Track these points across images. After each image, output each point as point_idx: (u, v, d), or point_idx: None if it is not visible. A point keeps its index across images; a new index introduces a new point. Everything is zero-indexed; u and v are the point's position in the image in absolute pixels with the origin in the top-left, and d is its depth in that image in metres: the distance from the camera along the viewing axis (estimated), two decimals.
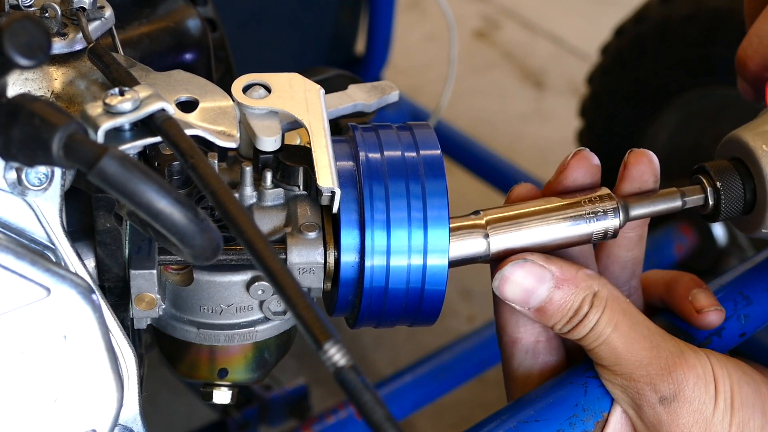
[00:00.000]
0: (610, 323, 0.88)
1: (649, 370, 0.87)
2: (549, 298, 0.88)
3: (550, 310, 0.89)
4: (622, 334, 0.88)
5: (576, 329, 0.89)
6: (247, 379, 0.93)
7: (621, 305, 0.89)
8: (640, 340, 0.88)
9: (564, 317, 0.89)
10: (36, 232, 0.79)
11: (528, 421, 0.89)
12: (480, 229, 0.88)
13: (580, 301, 0.88)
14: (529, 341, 0.94)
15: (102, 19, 0.88)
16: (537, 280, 0.88)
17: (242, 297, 0.88)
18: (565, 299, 0.88)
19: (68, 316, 0.77)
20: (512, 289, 0.88)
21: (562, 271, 0.88)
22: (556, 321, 0.89)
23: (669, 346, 0.88)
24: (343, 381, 0.69)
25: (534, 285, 0.88)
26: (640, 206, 0.91)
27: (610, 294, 0.89)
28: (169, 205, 0.71)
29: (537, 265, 0.88)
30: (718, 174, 0.92)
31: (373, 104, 0.94)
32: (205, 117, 0.84)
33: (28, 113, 0.71)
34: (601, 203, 0.90)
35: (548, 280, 0.88)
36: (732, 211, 0.92)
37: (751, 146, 0.91)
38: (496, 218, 0.89)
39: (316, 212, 0.87)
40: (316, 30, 1.86)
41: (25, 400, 0.78)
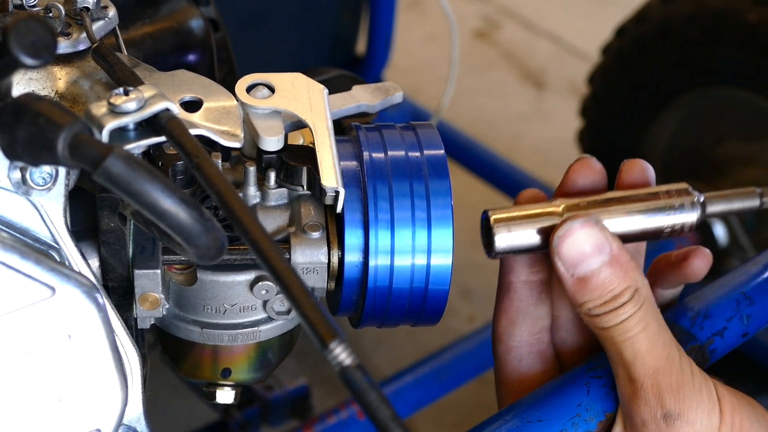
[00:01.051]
0: (641, 322, 0.86)
1: (659, 380, 0.86)
2: (598, 271, 0.86)
3: (592, 284, 0.86)
4: (648, 336, 0.87)
5: (608, 315, 0.87)
6: (251, 379, 0.93)
7: (654, 309, 0.88)
8: (661, 347, 0.87)
9: (602, 298, 0.86)
10: (40, 231, 0.79)
11: (531, 421, 0.89)
12: (556, 216, 0.88)
13: (623, 288, 0.86)
14: (524, 350, 0.94)
15: (106, 19, 0.88)
16: (596, 247, 0.86)
17: (246, 297, 0.88)
18: (611, 280, 0.86)
19: (73, 316, 0.77)
20: (570, 246, 0.86)
21: (620, 253, 0.86)
22: (592, 298, 0.87)
23: (683, 362, 0.87)
24: (348, 380, 0.69)
25: (591, 251, 0.86)
26: (717, 203, 0.90)
27: (649, 295, 0.87)
28: (173, 205, 0.71)
29: (602, 234, 0.86)
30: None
31: (377, 105, 0.94)
32: (209, 117, 0.84)
33: (32, 113, 0.71)
34: (678, 197, 0.89)
35: (606, 254, 0.86)
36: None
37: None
38: (574, 204, 0.88)
39: (320, 212, 0.87)
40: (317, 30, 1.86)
41: (29, 399, 0.78)
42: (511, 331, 0.93)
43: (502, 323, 0.93)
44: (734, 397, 0.88)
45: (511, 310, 0.93)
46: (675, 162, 1.77)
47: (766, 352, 1.62)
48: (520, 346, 0.93)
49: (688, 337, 0.94)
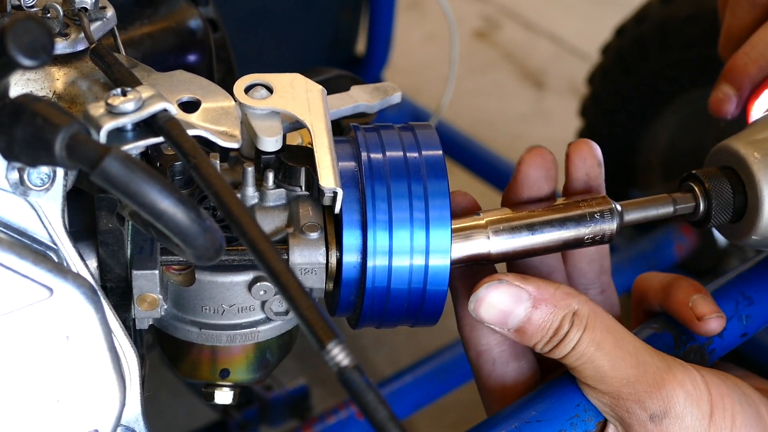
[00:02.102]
0: (592, 342, 0.86)
1: (636, 388, 0.86)
2: (527, 318, 0.87)
3: (529, 331, 0.87)
4: (606, 352, 0.86)
5: (557, 348, 0.87)
6: (249, 379, 0.93)
7: (604, 322, 0.87)
8: (625, 357, 0.86)
9: (544, 337, 0.87)
10: (38, 232, 0.79)
11: (530, 422, 0.89)
12: (481, 229, 0.89)
13: (560, 320, 0.86)
14: (494, 351, 0.93)
15: (104, 20, 0.88)
16: (513, 300, 0.87)
17: (244, 297, 0.88)
18: (544, 319, 0.87)
19: (71, 317, 0.77)
20: (488, 310, 0.87)
21: (540, 291, 0.87)
22: (536, 341, 0.88)
23: (656, 362, 0.87)
24: (346, 381, 0.69)
25: (511, 305, 0.87)
26: (634, 211, 0.92)
27: (592, 312, 0.87)
28: (171, 206, 0.71)
29: (513, 285, 0.87)
30: (709, 181, 0.93)
31: (375, 105, 0.94)
32: (207, 117, 0.84)
33: (30, 113, 0.71)
34: (598, 206, 0.91)
35: (525, 300, 0.87)
36: (721, 218, 0.93)
37: (743, 154, 0.92)
38: (497, 219, 0.89)
39: (318, 212, 0.87)
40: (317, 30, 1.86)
41: (27, 400, 0.78)
42: (475, 336, 0.93)
43: (465, 330, 0.93)
44: (721, 381, 0.88)
45: (468, 316, 0.92)
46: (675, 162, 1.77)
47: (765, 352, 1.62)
48: (489, 348, 0.93)
49: (687, 338, 0.94)
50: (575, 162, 0.93)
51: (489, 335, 0.92)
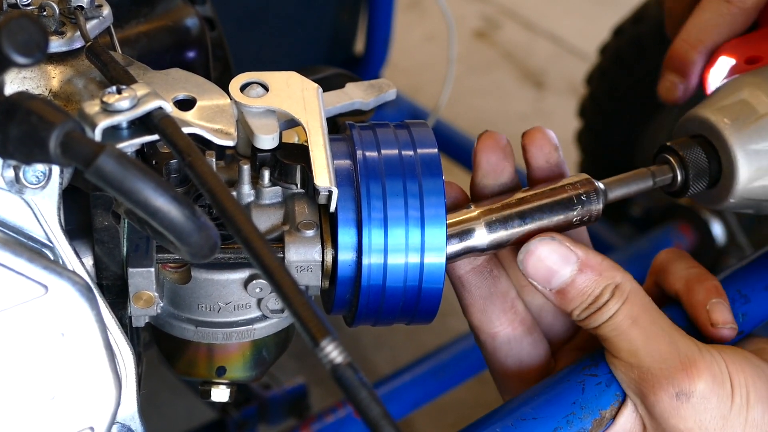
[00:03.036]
0: (629, 316, 0.88)
1: (668, 364, 0.87)
2: (571, 280, 0.89)
3: (571, 294, 0.89)
4: (642, 328, 0.88)
5: (593, 317, 0.89)
6: (246, 377, 0.93)
7: (643, 300, 0.89)
8: (659, 335, 0.88)
9: (583, 303, 0.89)
10: (34, 230, 0.80)
11: (526, 419, 0.89)
12: (474, 221, 0.89)
13: (602, 288, 0.88)
14: (507, 330, 0.94)
15: (100, 18, 0.88)
16: (561, 259, 0.89)
17: (240, 295, 0.88)
18: (587, 285, 0.89)
19: (66, 314, 0.78)
20: (536, 265, 0.89)
21: (587, 257, 0.89)
22: (575, 306, 0.89)
23: (688, 343, 0.89)
24: (339, 378, 0.69)
25: (558, 264, 0.89)
26: (616, 188, 0.93)
27: (633, 288, 0.89)
28: (166, 203, 0.71)
29: (563, 245, 0.89)
30: (683, 150, 0.95)
31: (370, 102, 0.94)
32: (202, 115, 0.84)
33: (25, 111, 0.71)
34: (583, 188, 0.92)
35: (572, 263, 0.89)
36: (698, 185, 0.95)
37: (713, 121, 0.94)
38: (488, 210, 0.90)
39: (314, 210, 0.87)
40: (316, 29, 1.86)
41: (22, 397, 0.78)
42: (486, 319, 0.94)
43: (475, 316, 0.95)
44: (737, 356, 0.89)
45: (475, 301, 0.94)
46: None
47: None
48: (502, 328, 0.94)
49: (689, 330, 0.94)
50: (532, 151, 0.95)
51: (501, 316, 0.94)
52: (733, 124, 0.94)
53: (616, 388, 0.91)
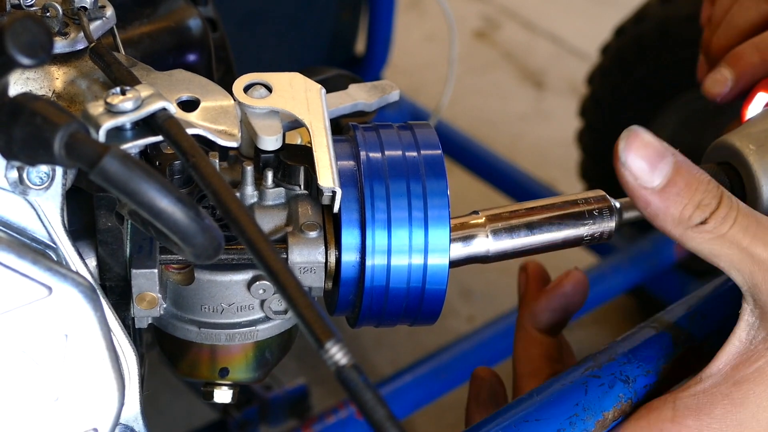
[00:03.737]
0: (750, 213, 0.83)
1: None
2: (675, 173, 0.81)
3: (676, 189, 0.81)
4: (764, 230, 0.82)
5: (716, 216, 0.82)
6: (248, 378, 0.93)
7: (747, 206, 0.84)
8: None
9: (693, 201, 0.82)
10: (37, 231, 0.80)
11: (528, 421, 0.89)
12: (479, 227, 0.89)
13: (706, 182, 0.82)
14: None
15: (103, 19, 0.88)
16: (660, 150, 0.81)
17: (243, 296, 0.88)
18: (691, 178, 0.82)
19: (70, 315, 0.78)
20: (638, 154, 0.81)
21: (683, 157, 0.82)
22: (684, 204, 0.82)
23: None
24: (344, 380, 0.69)
25: (658, 154, 0.81)
26: (632, 209, 0.91)
27: (732, 195, 0.83)
28: (170, 204, 0.71)
29: (657, 139, 0.82)
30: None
31: (373, 103, 0.94)
32: (206, 116, 0.84)
33: (29, 112, 0.71)
34: (597, 204, 0.90)
35: (671, 155, 0.82)
36: None
37: (738, 146, 0.93)
38: (495, 216, 0.89)
39: (317, 211, 0.87)
40: (316, 30, 1.86)
41: (26, 399, 0.78)
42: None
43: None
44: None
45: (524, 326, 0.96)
46: None
47: None
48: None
49: (686, 338, 0.94)
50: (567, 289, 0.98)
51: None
52: (758, 150, 0.92)
53: (620, 389, 0.91)
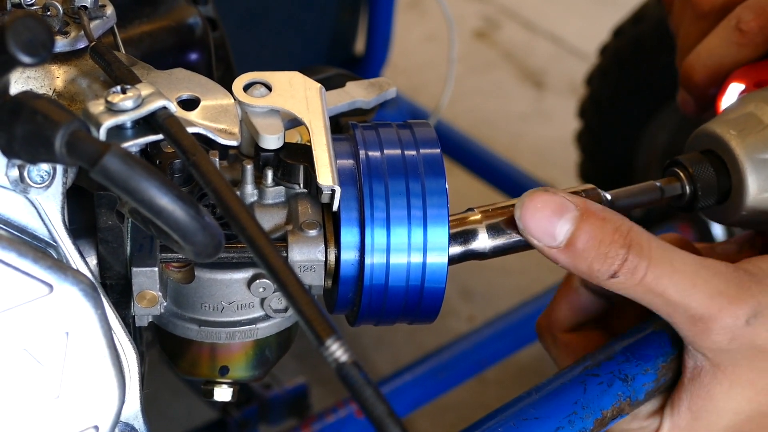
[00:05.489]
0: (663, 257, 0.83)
1: (729, 296, 0.83)
2: (576, 229, 0.83)
3: (580, 244, 0.83)
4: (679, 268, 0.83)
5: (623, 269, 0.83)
6: (249, 376, 0.93)
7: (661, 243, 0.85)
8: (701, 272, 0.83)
9: (600, 254, 0.83)
10: (38, 229, 0.80)
11: (527, 419, 0.89)
12: (476, 224, 0.89)
13: (611, 233, 0.83)
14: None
15: (103, 18, 0.88)
16: (561, 205, 0.83)
17: (243, 294, 0.88)
18: (595, 230, 0.83)
19: (71, 313, 0.78)
20: (534, 216, 0.84)
21: (587, 204, 0.84)
22: (593, 259, 0.83)
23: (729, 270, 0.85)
24: (344, 377, 0.69)
25: (556, 212, 0.83)
26: (624, 199, 0.93)
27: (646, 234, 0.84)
28: (171, 202, 0.71)
29: (558, 194, 0.84)
30: (692, 164, 0.95)
31: (371, 101, 0.94)
32: (206, 115, 0.84)
33: (30, 111, 0.71)
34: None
35: (572, 210, 0.83)
36: (707, 199, 0.95)
37: (719, 133, 0.94)
38: (490, 213, 0.90)
39: (317, 210, 0.88)
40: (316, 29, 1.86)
41: (27, 396, 0.78)
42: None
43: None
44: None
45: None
46: None
47: None
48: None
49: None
50: None
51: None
52: (739, 134, 0.94)
53: (618, 387, 0.91)
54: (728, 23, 1.05)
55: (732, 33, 1.04)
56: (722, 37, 1.05)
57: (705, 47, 1.07)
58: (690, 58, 1.08)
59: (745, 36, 1.04)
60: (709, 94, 1.08)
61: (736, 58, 1.05)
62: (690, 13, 1.10)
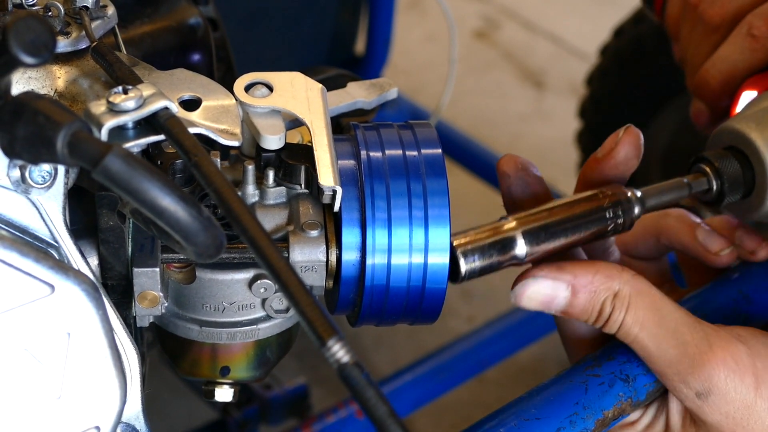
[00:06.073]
0: (636, 323, 0.89)
1: (678, 368, 0.88)
2: (569, 303, 0.89)
3: (574, 313, 0.90)
4: (649, 332, 0.89)
5: (606, 327, 0.90)
6: (249, 377, 0.93)
7: (646, 300, 0.89)
8: (666, 337, 0.88)
9: (591, 317, 0.90)
10: (39, 229, 0.80)
11: (529, 419, 0.89)
12: (511, 231, 0.89)
13: (601, 303, 0.89)
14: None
15: (104, 18, 0.88)
16: (551, 290, 0.89)
17: (244, 295, 0.88)
18: (585, 303, 0.89)
19: (72, 314, 0.78)
20: (529, 303, 0.90)
21: (578, 279, 0.89)
22: (585, 320, 0.90)
23: (696, 339, 0.88)
24: (346, 378, 0.69)
25: (549, 296, 0.89)
26: (654, 197, 0.93)
27: (634, 290, 0.89)
28: (172, 203, 0.71)
29: (548, 278, 0.89)
30: (717, 159, 0.96)
31: (372, 101, 0.94)
32: (207, 115, 0.84)
33: (32, 111, 0.71)
34: (620, 197, 0.91)
35: (564, 289, 0.89)
36: (734, 194, 0.95)
37: (739, 128, 0.95)
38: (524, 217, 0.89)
39: (318, 211, 0.87)
40: (316, 30, 1.86)
41: (29, 397, 0.78)
42: None
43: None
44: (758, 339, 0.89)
45: None
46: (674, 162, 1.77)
47: None
48: None
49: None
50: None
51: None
52: (758, 126, 0.94)
53: (620, 388, 0.91)
54: (740, 30, 1.07)
55: (744, 39, 1.06)
56: (735, 44, 1.07)
57: (719, 55, 1.08)
58: (704, 67, 1.09)
59: (757, 41, 1.06)
60: (723, 103, 1.09)
61: (749, 63, 1.06)
62: (700, 30, 1.12)
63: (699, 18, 1.11)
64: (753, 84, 1.06)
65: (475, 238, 0.88)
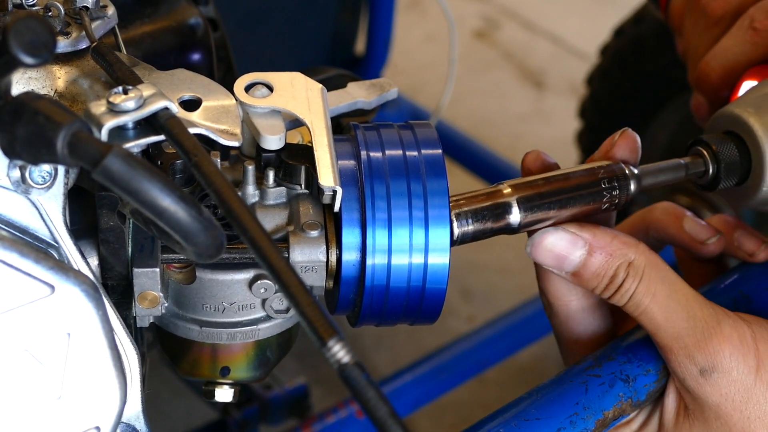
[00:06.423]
0: (647, 293, 0.89)
1: (686, 342, 0.88)
2: (583, 263, 0.89)
3: (585, 276, 0.90)
4: (659, 304, 0.89)
5: (615, 296, 0.90)
6: (249, 377, 0.93)
7: (659, 273, 0.90)
8: (677, 310, 0.89)
9: (601, 283, 0.90)
10: (39, 230, 0.80)
11: (529, 419, 0.89)
12: (505, 197, 0.89)
13: (615, 268, 0.89)
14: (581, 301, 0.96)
15: (105, 18, 0.88)
16: (569, 245, 0.89)
17: (245, 295, 0.88)
18: (599, 266, 0.89)
19: (72, 314, 0.78)
20: (543, 253, 0.90)
21: (596, 239, 0.90)
22: (593, 286, 0.90)
23: (706, 315, 0.89)
24: (347, 378, 0.69)
25: (566, 250, 0.89)
26: (651, 176, 0.94)
27: (648, 262, 0.89)
28: (173, 203, 0.71)
29: (569, 231, 0.89)
30: (715, 143, 0.96)
31: (372, 101, 0.94)
32: (208, 116, 0.84)
33: (32, 111, 0.71)
34: (617, 172, 0.92)
35: (581, 247, 0.89)
36: (730, 178, 0.96)
37: (737, 112, 0.96)
38: (519, 186, 0.90)
39: (318, 211, 0.87)
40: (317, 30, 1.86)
41: (29, 397, 0.78)
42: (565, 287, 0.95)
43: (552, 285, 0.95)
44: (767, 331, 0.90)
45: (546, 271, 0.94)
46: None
47: None
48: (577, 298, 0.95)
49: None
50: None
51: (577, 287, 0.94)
52: (756, 111, 0.95)
53: (620, 388, 0.91)
54: (742, 23, 1.07)
55: (746, 32, 1.07)
56: (737, 36, 1.07)
57: (720, 48, 1.09)
58: (705, 59, 1.10)
59: (759, 34, 1.06)
60: (723, 95, 1.09)
61: (750, 56, 1.07)
62: (703, 23, 1.12)
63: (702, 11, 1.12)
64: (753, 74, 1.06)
65: (469, 201, 0.89)
